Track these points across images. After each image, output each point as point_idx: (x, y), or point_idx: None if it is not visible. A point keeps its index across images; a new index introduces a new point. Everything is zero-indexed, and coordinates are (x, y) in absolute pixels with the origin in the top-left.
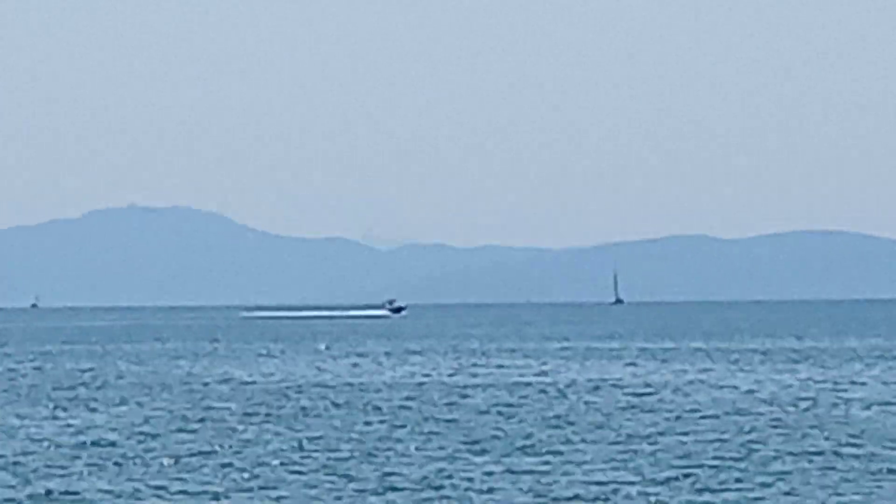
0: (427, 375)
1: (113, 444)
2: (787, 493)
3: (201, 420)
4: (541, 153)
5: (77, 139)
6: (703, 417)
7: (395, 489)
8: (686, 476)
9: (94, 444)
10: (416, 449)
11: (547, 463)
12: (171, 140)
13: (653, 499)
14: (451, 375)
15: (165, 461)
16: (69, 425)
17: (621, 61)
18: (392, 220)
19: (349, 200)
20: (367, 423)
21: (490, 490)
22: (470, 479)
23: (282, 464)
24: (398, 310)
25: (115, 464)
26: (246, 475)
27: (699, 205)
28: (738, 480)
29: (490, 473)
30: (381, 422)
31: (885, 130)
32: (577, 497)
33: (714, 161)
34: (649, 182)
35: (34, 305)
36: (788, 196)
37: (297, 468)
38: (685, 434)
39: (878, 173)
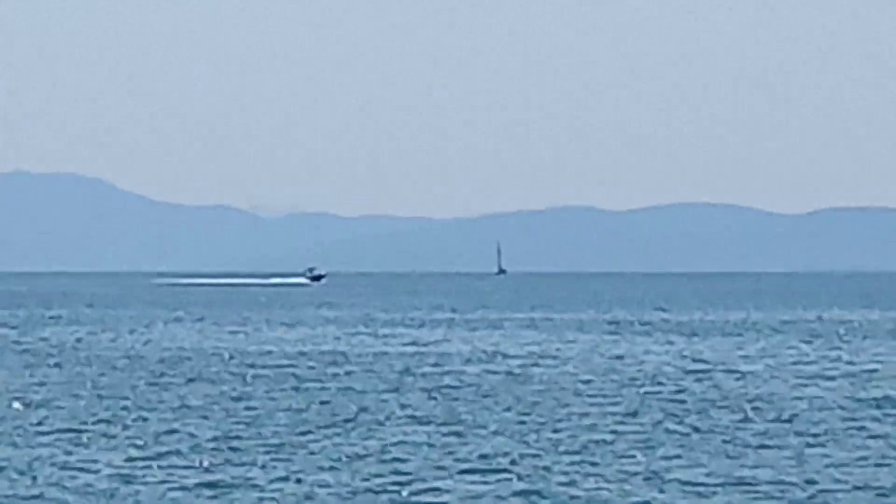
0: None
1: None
2: (673, 457)
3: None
4: (427, 122)
5: None
6: (584, 384)
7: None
8: (579, 443)
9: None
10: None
11: (445, 434)
12: (59, 105)
13: (544, 465)
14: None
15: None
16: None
17: (506, 30)
18: (278, 189)
19: (235, 169)
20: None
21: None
22: (368, 451)
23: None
24: (318, 277)
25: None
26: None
27: (585, 176)
28: (628, 447)
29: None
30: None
31: (765, 105)
32: (475, 470)
33: (601, 133)
34: (535, 153)
35: None
36: (673, 169)
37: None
38: (570, 403)
39: (760, 147)
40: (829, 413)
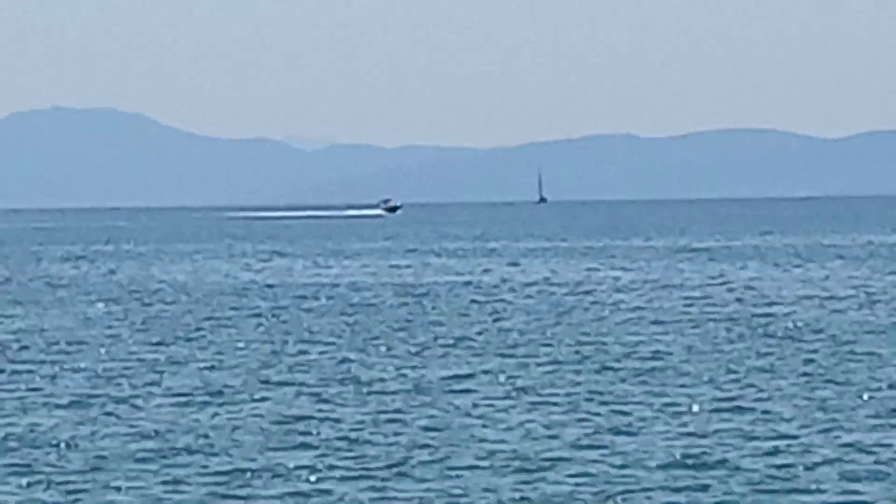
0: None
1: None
2: (744, 386)
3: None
4: (463, 54)
5: None
6: (633, 311)
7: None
8: (630, 371)
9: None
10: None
11: (490, 363)
12: (94, 41)
13: (600, 392)
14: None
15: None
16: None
17: None
18: (316, 121)
19: (272, 101)
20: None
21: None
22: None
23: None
24: (394, 209)
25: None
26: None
27: (624, 104)
28: (686, 375)
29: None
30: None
31: (808, 33)
32: (509, 396)
33: (639, 61)
34: (575, 81)
35: None
36: (713, 95)
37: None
38: (617, 331)
39: (803, 72)
40: None
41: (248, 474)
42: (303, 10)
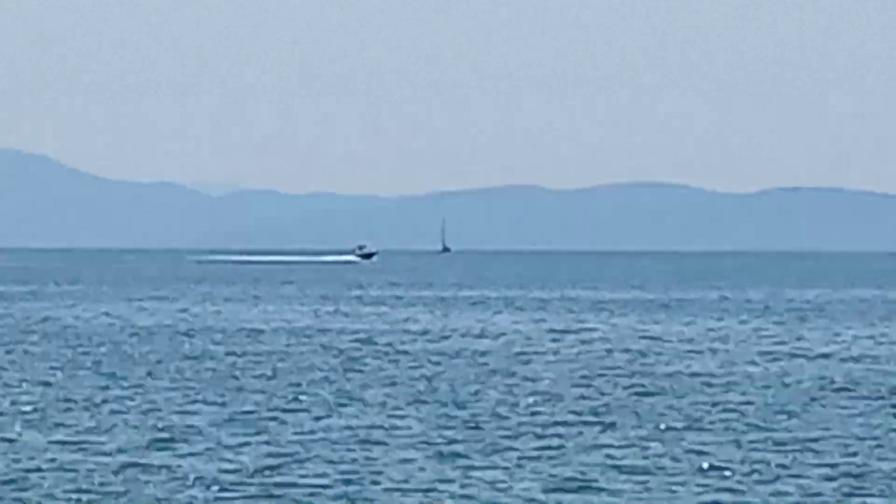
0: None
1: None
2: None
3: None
4: (374, 101)
5: None
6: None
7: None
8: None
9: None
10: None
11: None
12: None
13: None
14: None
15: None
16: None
17: (452, 8)
18: (223, 166)
19: (180, 145)
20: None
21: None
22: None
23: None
24: (369, 255)
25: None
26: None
27: (531, 155)
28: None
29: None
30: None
31: (711, 85)
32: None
33: (547, 112)
34: (482, 131)
35: None
36: (620, 148)
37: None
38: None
39: (706, 127)
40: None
41: None
42: (209, 56)
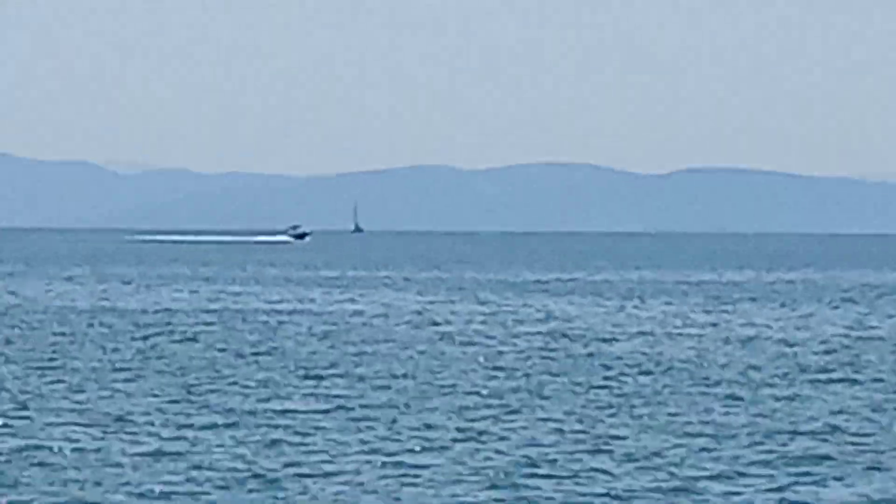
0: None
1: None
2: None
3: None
4: (287, 78)
5: None
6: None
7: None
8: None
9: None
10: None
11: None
12: None
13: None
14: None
15: None
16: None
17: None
18: (135, 145)
19: (92, 124)
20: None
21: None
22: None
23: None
24: (302, 235)
25: None
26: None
27: (441, 135)
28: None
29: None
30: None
31: (622, 64)
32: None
33: (457, 91)
34: (391, 111)
35: None
36: (529, 128)
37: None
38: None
39: (617, 106)
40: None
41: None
42: (125, 34)
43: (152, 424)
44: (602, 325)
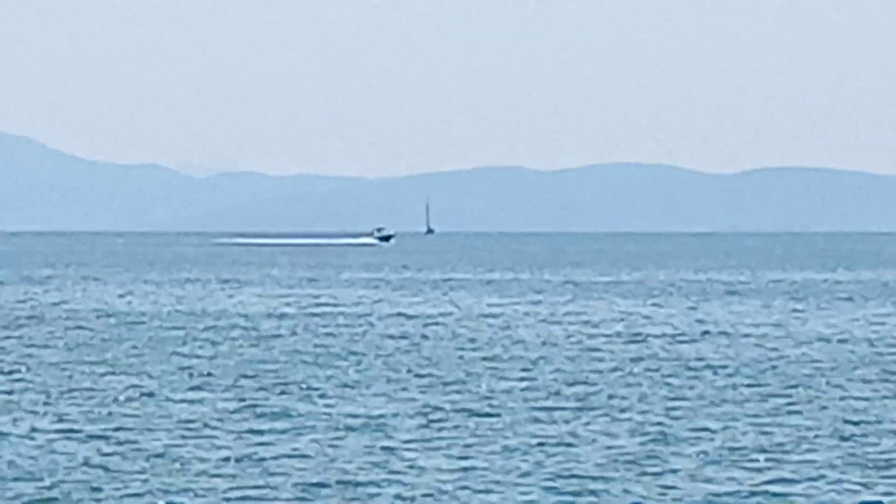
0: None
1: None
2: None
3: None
4: (356, 81)
5: None
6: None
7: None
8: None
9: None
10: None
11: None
12: None
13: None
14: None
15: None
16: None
17: None
18: (209, 148)
19: (166, 127)
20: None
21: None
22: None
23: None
24: (387, 238)
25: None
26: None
27: (515, 136)
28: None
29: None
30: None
31: (695, 64)
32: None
33: (531, 92)
34: (465, 112)
35: None
36: (602, 129)
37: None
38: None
39: (690, 106)
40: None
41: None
42: (195, 38)
43: (226, 430)
44: (680, 325)
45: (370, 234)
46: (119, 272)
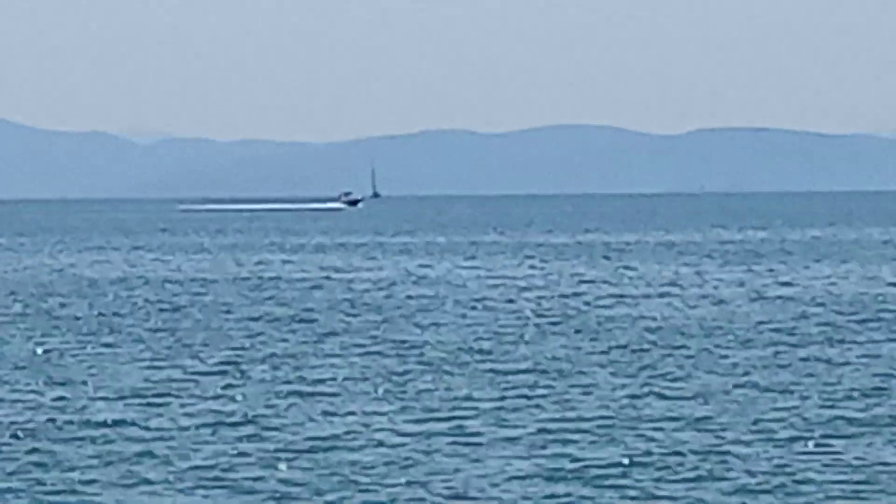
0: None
1: None
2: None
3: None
4: (301, 44)
5: None
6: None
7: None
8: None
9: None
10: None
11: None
12: None
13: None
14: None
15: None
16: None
17: None
18: (152, 115)
19: (109, 94)
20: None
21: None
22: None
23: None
24: (354, 202)
25: None
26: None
27: (460, 99)
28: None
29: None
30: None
31: (639, 26)
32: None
33: (476, 56)
34: (412, 76)
35: None
36: (549, 91)
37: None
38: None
39: (634, 68)
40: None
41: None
42: (138, 5)
43: (194, 395)
44: (627, 287)
45: (337, 199)
46: (86, 239)
